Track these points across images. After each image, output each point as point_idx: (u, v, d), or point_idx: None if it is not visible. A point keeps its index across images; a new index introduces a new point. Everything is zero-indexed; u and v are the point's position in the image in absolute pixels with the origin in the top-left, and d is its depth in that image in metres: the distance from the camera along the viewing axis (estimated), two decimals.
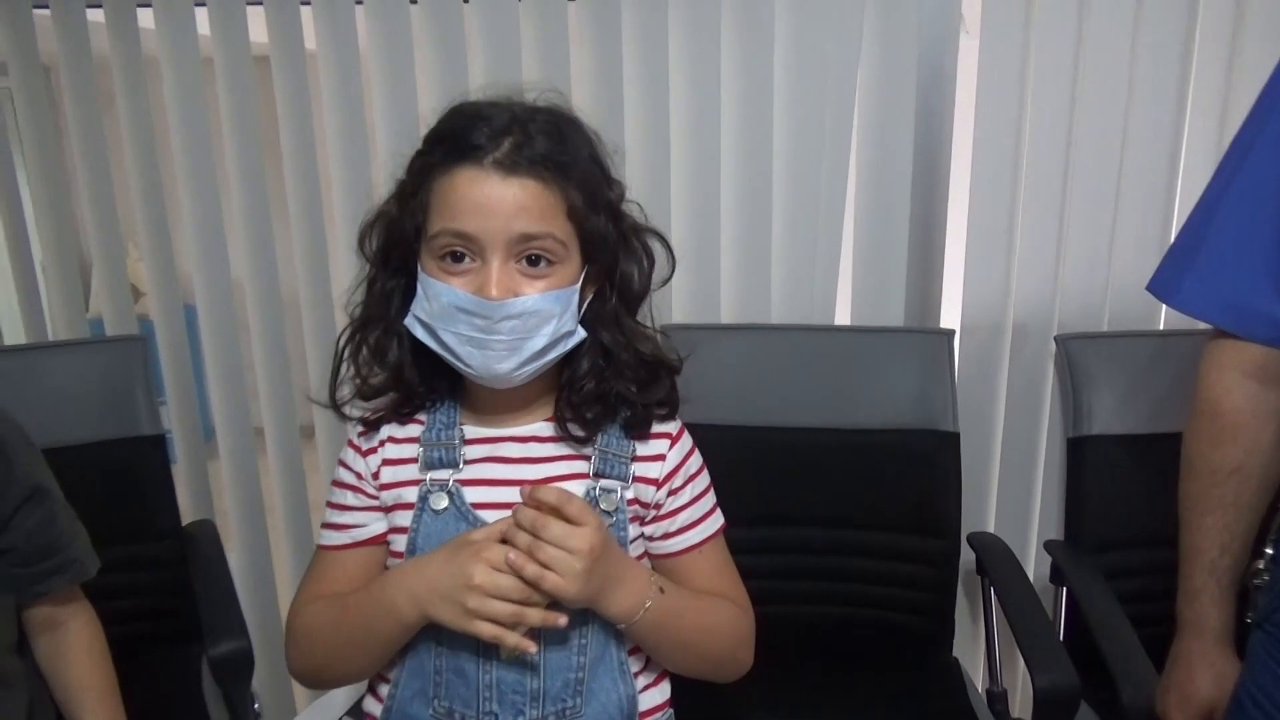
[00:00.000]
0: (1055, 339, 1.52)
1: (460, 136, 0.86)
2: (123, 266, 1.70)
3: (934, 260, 1.64)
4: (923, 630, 1.49)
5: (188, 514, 1.63)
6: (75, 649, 1.04)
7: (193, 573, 1.48)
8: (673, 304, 1.64)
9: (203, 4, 1.56)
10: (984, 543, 1.52)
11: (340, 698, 1.31)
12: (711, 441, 1.47)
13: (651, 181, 1.59)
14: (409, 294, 0.91)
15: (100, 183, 1.65)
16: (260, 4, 1.56)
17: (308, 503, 1.79)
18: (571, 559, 0.83)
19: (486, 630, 0.83)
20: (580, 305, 0.92)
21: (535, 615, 0.84)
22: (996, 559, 1.47)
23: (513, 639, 0.84)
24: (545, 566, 0.83)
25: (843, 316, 1.66)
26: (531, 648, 0.85)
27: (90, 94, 1.61)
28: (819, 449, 1.47)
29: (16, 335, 1.77)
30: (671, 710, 1.02)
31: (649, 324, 0.98)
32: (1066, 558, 1.44)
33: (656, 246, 0.97)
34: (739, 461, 1.47)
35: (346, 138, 1.60)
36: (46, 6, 1.56)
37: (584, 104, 1.55)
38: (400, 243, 0.91)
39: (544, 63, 1.56)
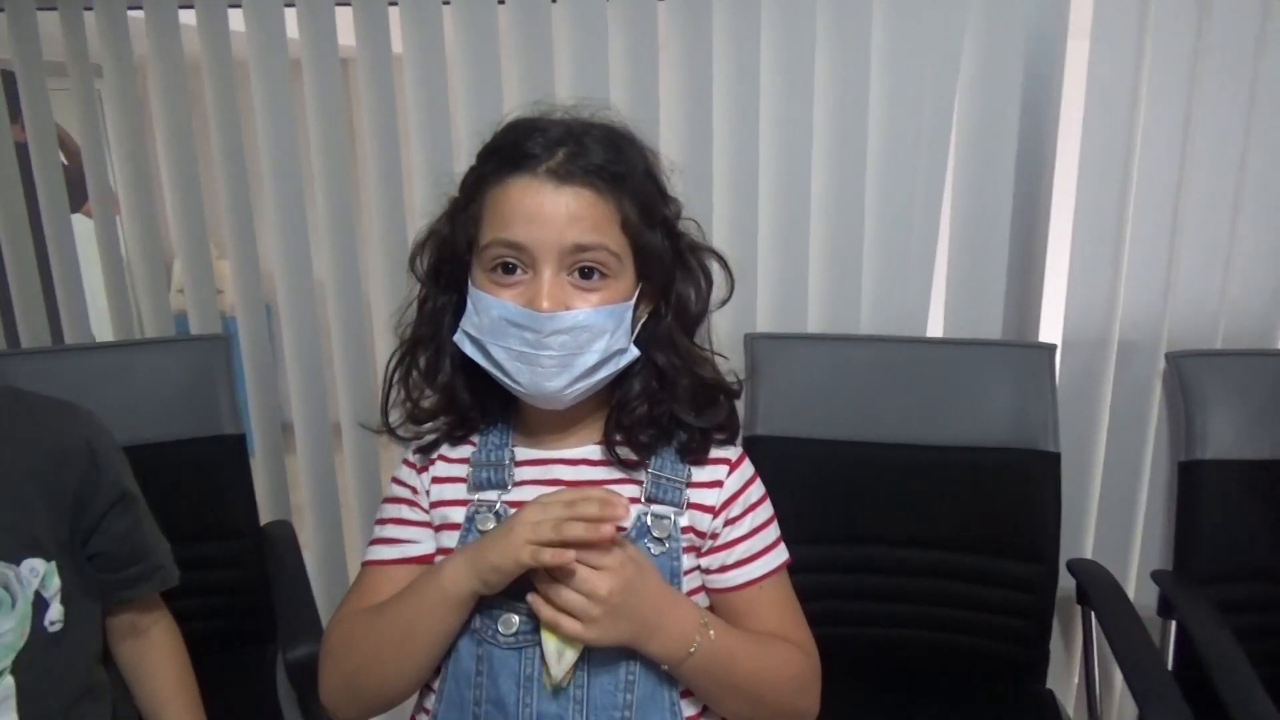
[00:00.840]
0: (1166, 356, 1.44)
1: (514, 147, 0.84)
2: (208, 265, 1.71)
3: (1035, 270, 1.57)
4: (1015, 659, 1.42)
5: (265, 514, 1.64)
6: (159, 656, 1.04)
7: (270, 574, 1.49)
8: (757, 311, 1.59)
9: (292, 5, 1.57)
10: (1086, 570, 1.44)
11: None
12: (793, 455, 1.44)
13: (738, 184, 1.55)
14: (460, 312, 0.89)
15: (188, 182, 1.66)
16: (349, 5, 1.56)
17: None
18: (589, 605, 0.79)
19: (526, 554, 0.78)
20: (634, 324, 0.89)
21: (579, 527, 0.78)
22: (1100, 587, 1.39)
23: (557, 555, 0.78)
24: (563, 610, 0.79)
25: (935, 328, 1.60)
26: (571, 557, 0.79)
27: (180, 95, 1.63)
28: (908, 466, 1.41)
29: (105, 332, 1.80)
30: None
31: (707, 346, 0.94)
32: (1176, 589, 1.36)
33: (715, 267, 0.94)
34: (822, 476, 1.42)
35: (430, 140, 1.59)
36: (140, 8, 1.58)
37: (671, 105, 1.54)
38: (452, 258, 0.89)
39: (632, 63, 1.53)
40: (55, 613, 0.91)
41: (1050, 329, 1.60)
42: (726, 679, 0.87)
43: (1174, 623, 1.37)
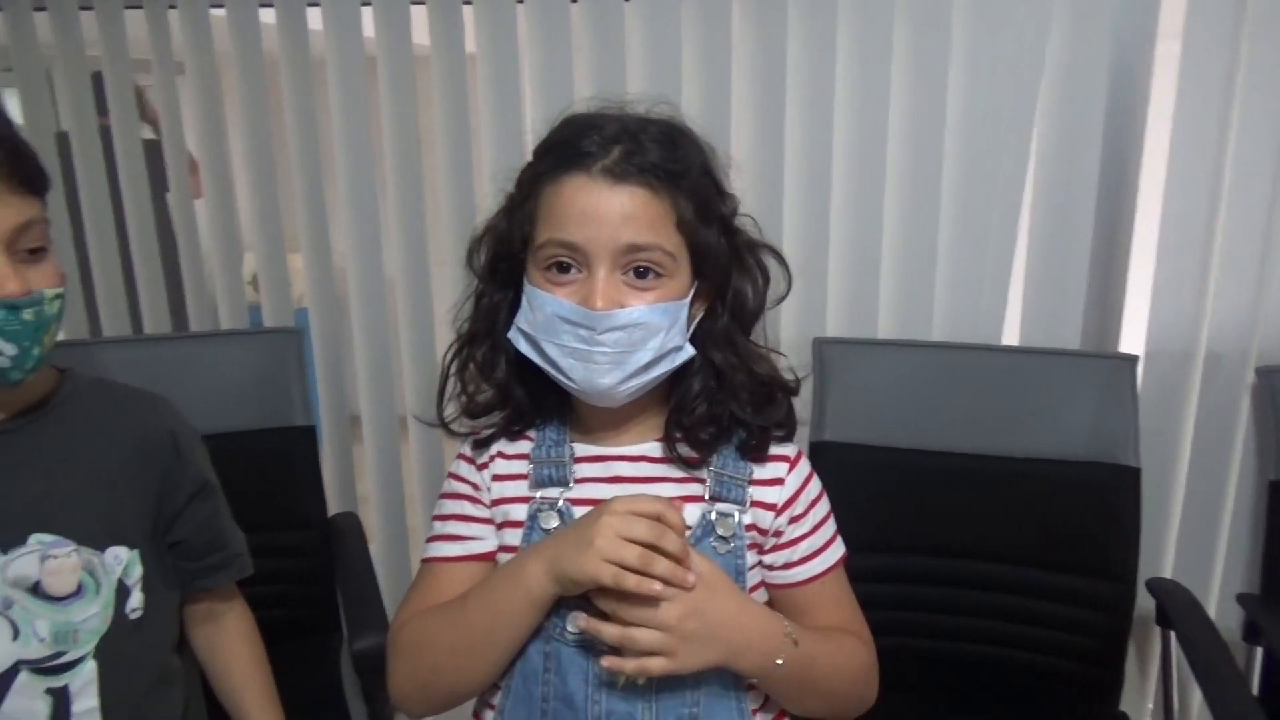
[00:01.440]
0: (1257, 370, 1.38)
1: (570, 145, 0.84)
2: (282, 259, 1.74)
3: (1117, 278, 1.53)
4: (1087, 679, 1.37)
5: (333, 505, 1.66)
6: (234, 642, 1.06)
7: (337, 565, 1.50)
8: (827, 315, 1.57)
9: (368, 4, 1.59)
10: (1166, 590, 1.39)
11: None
12: (860, 462, 1.42)
13: (810, 185, 1.53)
14: (515, 308, 0.89)
15: (264, 177, 1.69)
16: (424, 4, 1.57)
17: None
18: (665, 640, 0.78)
19: (607, 573, 0.78)
20: (690, 323, 0.88)
21: (664, 565, 0.79)
22: (1182, 609, 1.34)
23: (641, 584, 0.78)
24: (646, 652, 0.79)
25: (1011, 336, 1.56)
26: (658, 589, 0.79)
27: (259, 91, 1.66)
28: (979, 476, 1.38)
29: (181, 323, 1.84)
30: None
31: (763, 343, 0.94)
32: (1264, 613, 1.30)
33: (772, 264, 0.93)
34: (889, 484, 1.40)
35: (501, 138, 1.59)
36: (222, 6, 1.62)
37: (742, 104, 1.53)
38: (508, 255, 0.89)
39: (705, 61, 1.52)
40: (136, 600, 0.93)
41: (1132, 339, 1.55)
42: (808, 683, 0.88)
43: (1260, 648, 1.31)
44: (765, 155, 1.53)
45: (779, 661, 0.84)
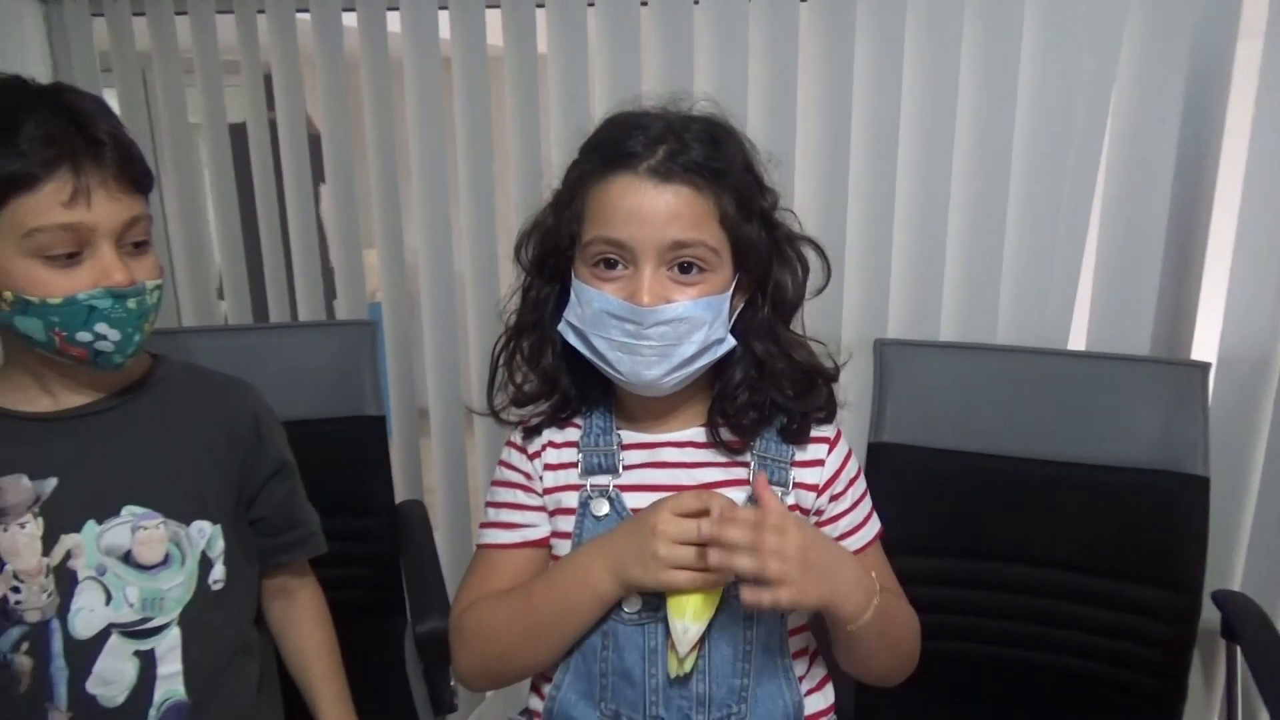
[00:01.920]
0: None
1: (615, 144, 0.87)
2: (359, 254, 1.81)
3: (1190, 283, 1.49)
4: (1149, 691, 1.34)
5: (400, 493, 1.71)
6: (306, 616, 1.11)
7: (402, 550, 1.55)
8: (889, 316, 1.57)
9: (445, 8, 1.64)
10: (1234, 603, 1.35)
11: (525, 686, 1.34)
12: (920, 464, 1.41)
13: (872, 184, 1.53)
14: (563, 301, 0.93)
15: (343, 176, 1.76)
16: (498, 8, 1.61)
17: None
18: (784, 566, 0.80)
19: (683, 579, 0.84)
20: (731, 314, 0.91)
21: (715, 555, 0.82)
22: (1249, 622, 1.31)
23: (709, 579, 0.84)
24: (773, 581, 0.80)
25: (1078, 340, 1.54)
26: (730, 576, 0.84)
27: (340, 93, 1.72)
28: (1041, 481, 1.36)
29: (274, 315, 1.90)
30: (835, 716, 0.99)
31: (802, 332, 0.97)
32: None
33: (811, 256, 0.96)
34: (948, 487, 1.39)
35: (570, 138, 1.62)
36: (307, 10, 1.68)
37: (807, 104, 1.53)
38: (556, 250, 0.92)
39: (772, 63, 1.53)
40: (218, 572, 0.98)
41: (1204, 346, 1.51)
42: (889, 634, 0.91)
43: None
44: (829, 155, 1.53)
45: (875, 601, 0.86)
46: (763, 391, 0.93)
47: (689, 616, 0.86)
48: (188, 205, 1.81)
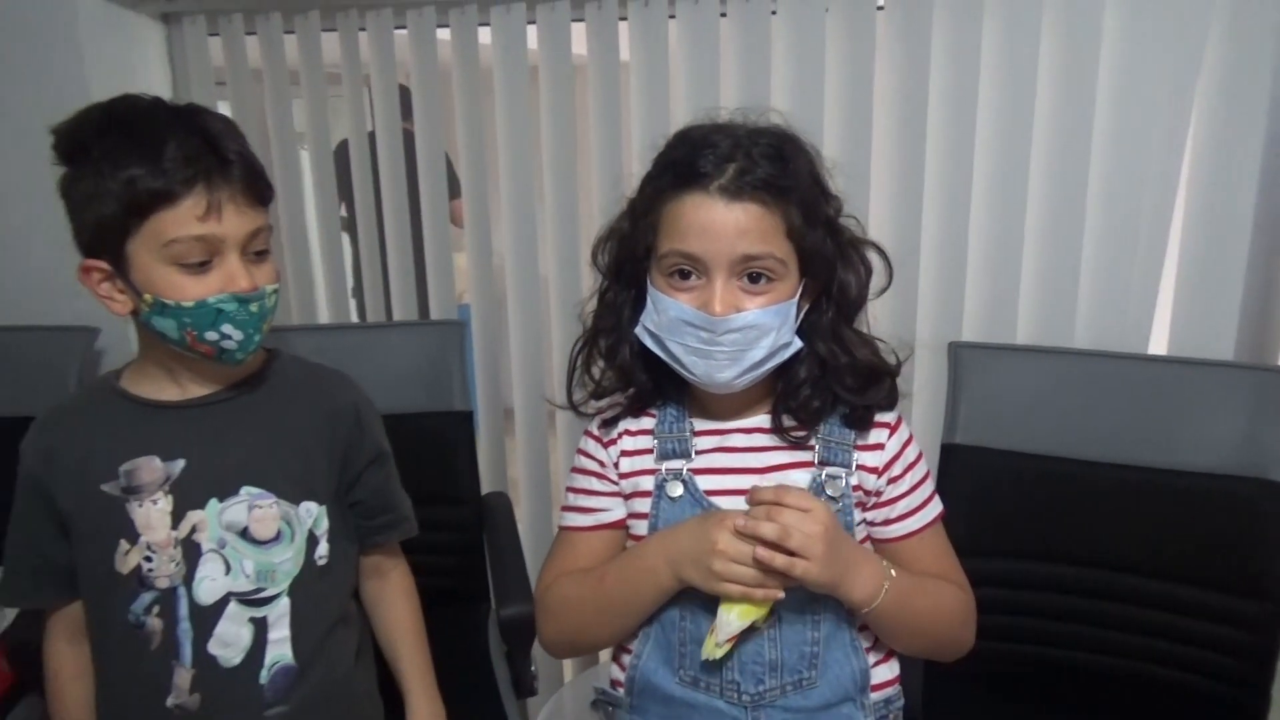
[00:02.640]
0: None
1: (687, 164, 0.92)
2: (449, 257, 1.89)
3: (1276, 288, 1.46)
4: (1230, 700, 1.32)
5: (486, 485, 1.79)
6: (397, 594, 1.19)
7: (488, 538, 1.62)
8: (964, 319, 1.57)
9: (533, 22, 1.71)
10: None
11: (604, 669, 1.39)
12: (993, 467, 1.42)
13: (949, 187, 1.54)
14: (638, 305, 0.99)
15: (437, 183, 1.84)
16: (583, 21, 1.68)
17: None
18: (811, 541, 0.87)
19: (734, 591, 0.90)
20: (797, 316, 0.96)
21: (776, 562, 0.88)
22: None
23: (760, 594, 0.90)
24: (793, 554, 0.87)
25: (1159, 345, 1.52)
26: (781, 594, 0.90)
27: (436, 102, 1.80)
28: (1116, 486, 1.35)
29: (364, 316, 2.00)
30: (900, 687, 1.04)
31: (865, 329, 1.02)
32: None
33: (874, 258, 1.01)
34: (1022, 490, 1.39)
35: (651, 144, 1.66)
36: (405, 27, 1.77)
37: (884, 111, 1.55)
38: (631, 258, 0.99)
39: (850, 71, 1.56)
40: (323, 549, 1.06)
41: None
42: (908, 617, 0.97)
43: None
44: (904, 160, 1.55)
45: (885, 587, 0.93)
46: (825, 388, 1.00)
47: (736, 613, 0.92)
48: (293, 212, 1.92)
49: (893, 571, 0.95)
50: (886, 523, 1.02)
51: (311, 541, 1.05)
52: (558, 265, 1.81)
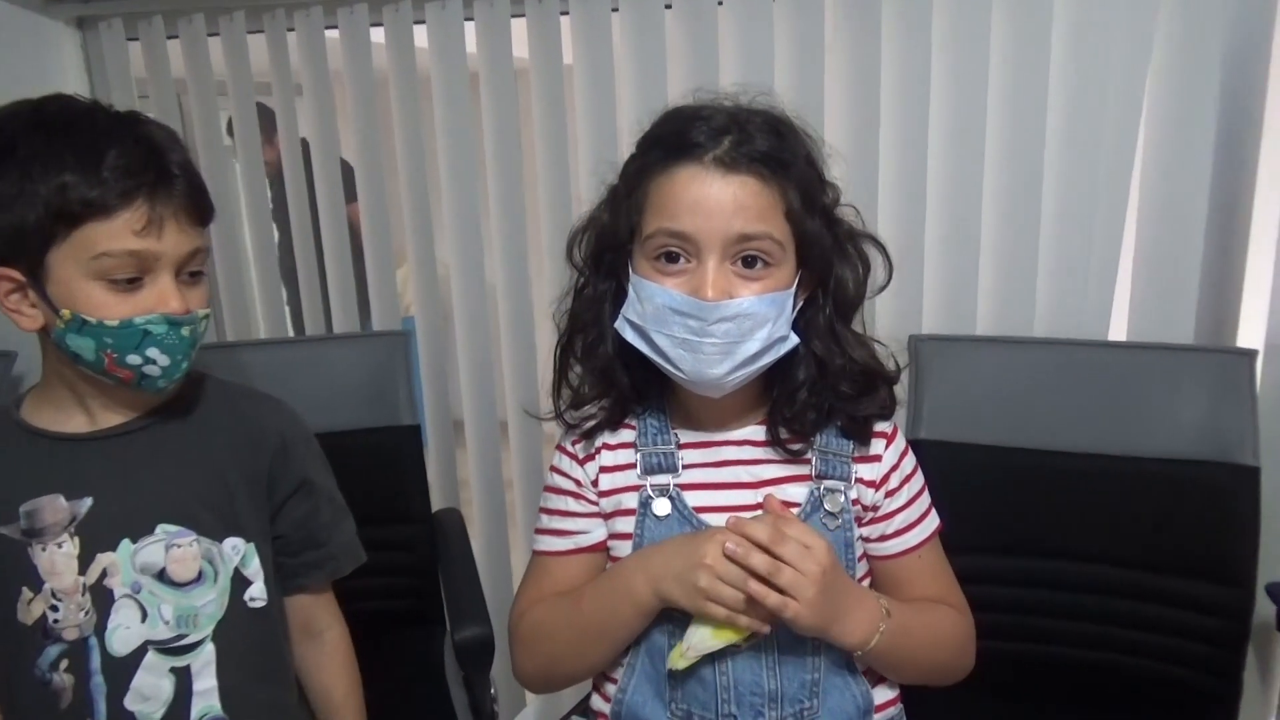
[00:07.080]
0: None
1: (679, 135, 0.86)
2: (391, 269, 1.82)
3: (1233, 270, 1.45)
4: (1203, 688, 1.31)
5: (437, 501, 1.72)
6: (333, 661, 1.07)
7: (440, 558, 1.56)
8: (923, 312, 1.55)
9: (470, 19, 1.65)
10: None
11: (569, 693, 1.33)
12: (958, 460, 1.39)
13: (904, 177, 1.51)
14: (619, 299, 0.91)
15: (375, 191, 1.77)
16: (523, 17, 1.62)
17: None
18: (803, 583, 0.81)
19: (719, 613, 0.83)
20: (793, 310, 0.90)
21: (768, 601, 0.82)
22: None
23: (744, 621, 0.83)
24: (784, 593, 0.81)
25: (1119, 331, 1.51)
26: (766, 629, 0.84)
27: (371, 108, 1.74)
28: (1083, 475, 1.33)
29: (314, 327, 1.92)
30: (902, 706, 0.99)
31: (862, 330, 0.96)
32: None
33: (872, 253, 0.94)
34: (988, 483, 1.36)
35: (598, 145, 1.63)
36: (335, 28, 1.70)
37: (836, 99, 1.52)
38: (613, 247, 0.91)
39: (798, 60, 1.53)
40: (257, 589, 0.98)
41: (1249, 333, 1.47)
42: (905, 654, 0.91)
43: None
44: (859, 150, 1.52)
45: (880, 630, 0.87)
46: (823, 393, 0.92)
47: (711, 630, 0.86)
48: (224, 226, 1.83)
49: (889, 610, 0.89)
50: (882, 539, 0.96)
51: (240, 582, 0.97)
52: (505, 273, 1.75)
